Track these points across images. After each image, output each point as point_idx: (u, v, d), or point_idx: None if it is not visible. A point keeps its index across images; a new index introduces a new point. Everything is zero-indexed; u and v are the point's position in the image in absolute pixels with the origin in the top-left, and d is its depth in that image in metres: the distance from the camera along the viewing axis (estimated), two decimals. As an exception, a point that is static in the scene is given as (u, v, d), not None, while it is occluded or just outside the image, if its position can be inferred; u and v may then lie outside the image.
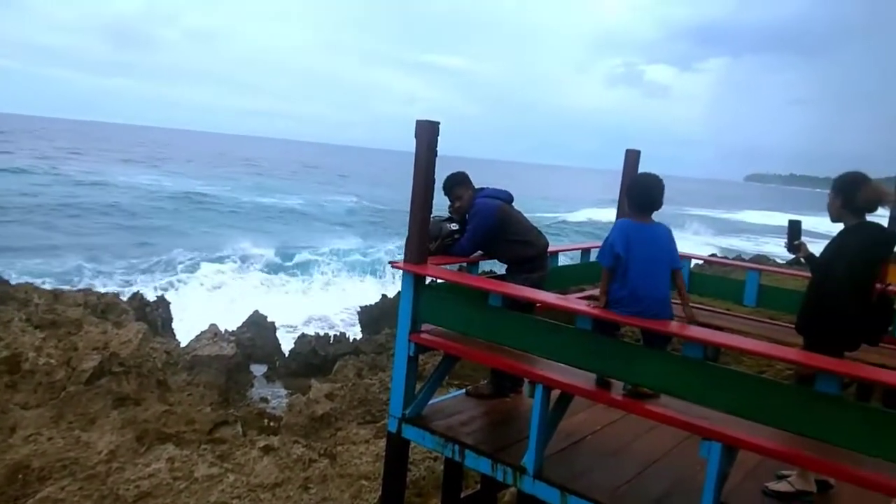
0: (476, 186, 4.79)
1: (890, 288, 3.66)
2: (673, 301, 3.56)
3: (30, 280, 13.16)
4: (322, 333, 13.52)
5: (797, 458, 2.95)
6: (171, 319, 12.98)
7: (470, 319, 3.99)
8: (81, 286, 15.17)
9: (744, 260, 16.91)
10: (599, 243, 6.01)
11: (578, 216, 48.05)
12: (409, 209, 4.10)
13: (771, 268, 7.90)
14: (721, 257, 17.75)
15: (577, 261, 6.02)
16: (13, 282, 11.48)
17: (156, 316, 12.22)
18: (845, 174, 3.58)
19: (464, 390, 4.80)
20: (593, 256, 5.92)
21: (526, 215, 4.78)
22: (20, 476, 6.09)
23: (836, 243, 3.49)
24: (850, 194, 3.44)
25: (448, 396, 4.75)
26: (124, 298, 12.13)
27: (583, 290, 5.65)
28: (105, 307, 10.56)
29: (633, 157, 5.93)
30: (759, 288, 5.72)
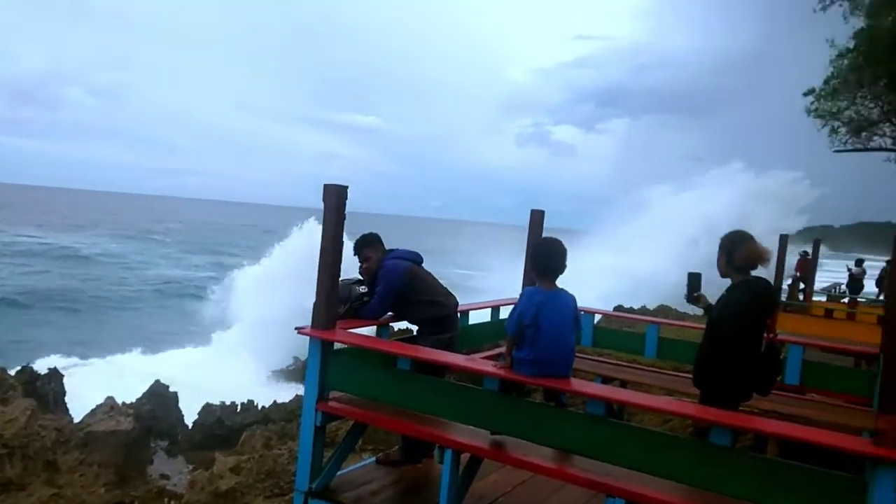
0: (389, 247, 4.80)
1: (777, 337, 3.89)
2: (592, 358, 3.64)
3: None
4: (228, 402, 12.95)
5: (697, 510, 3.02)
6: (63, 393, 12.11)
7: (379, 384, 3.92)
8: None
9: (646, 312, 17.61)
10: (509, 300, 6.15)
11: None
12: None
13: (668, 321, 8.26)
14: (627, 308, 18.43)
15: (489, 318, 6.07)
16: None
17: (47, 390, 11.41)
18: (729, 233, 3.82)
19: (374, 458, 4.68)
20: (504, 314, 6.00)
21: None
22: None
23: (723, 300, 3.69)
24: (731, 253, 3.67)
25: (358, 466, 4.62)
26: (12, 373, 11.25)
27: (499, 346, 5.68)
28: (-13, 383, 9.78)
29: (537, 217, 6.10)
30: (658, 340, 5.94)
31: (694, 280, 4.07)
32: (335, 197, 3.91)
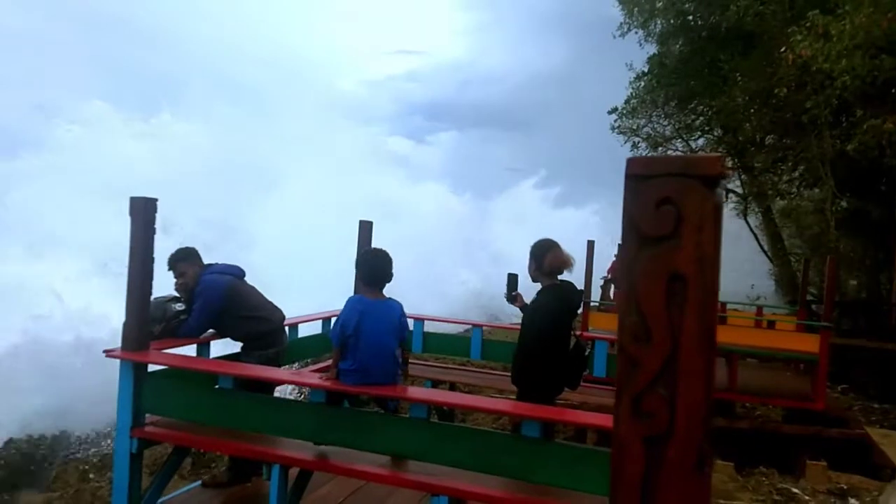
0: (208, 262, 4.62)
1: (584, 334, 4.25)
2: (422, 363, 3.72)
3: None
4: (36, 435, 11.67)
5: (514, 502, 3.23)
6: None
7: (199, 405, 3.77)
8: None
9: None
10: (338, 311, 6.16)
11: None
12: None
13: (490, 323, 8.68)
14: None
15: (319, 330, 6.04)
16: None
17: None
18: (538, 241, 4.12)
19: (200, 482, 4.48)
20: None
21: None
22: None
23: (535, 303, 3.98)
24: (540, 260, 3.97)
25: (181, 491, 4.40)
26: None
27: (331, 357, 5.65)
28: None
29: (366, 227, 6.16)
30: (482, 342, 6.24)
31: (512, 280, 4.32)
32: (143, 210, 3.71)
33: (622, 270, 0.75)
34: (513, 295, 4.26)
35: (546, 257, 3.94)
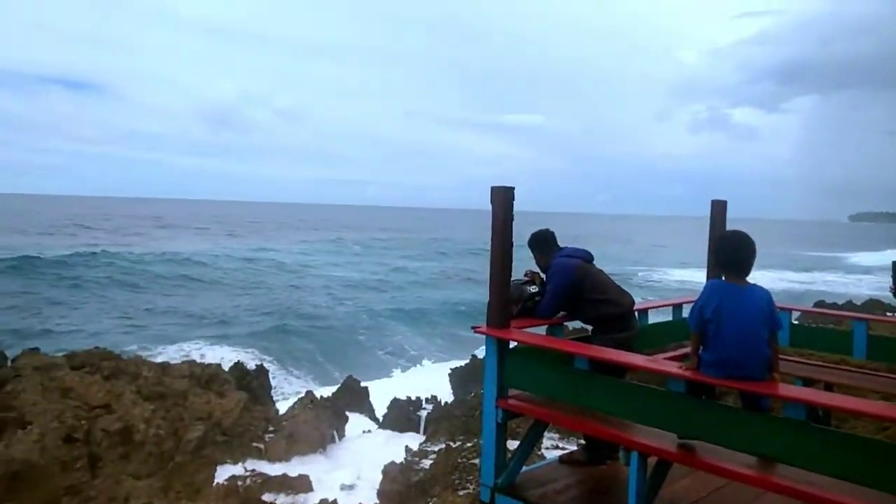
0: (562, 245, 4.80)
1: None
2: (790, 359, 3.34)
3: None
4: (414, 397, 13.60)
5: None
6: (269, 387, 13.44)
7: (557, 383, 3.92)
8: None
9: (854, 308, 15.83)
10: (691, 298, 5.82)
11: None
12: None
13: (879, 317, 7.34)
14: (830, 304, 16.72)
15: (670, 317, 5.80)
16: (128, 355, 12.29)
17: (255, 385, 12.70)
18: None
19: (557, 457, 4.67)
20: (685, 312, 5.68)
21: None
22: (132, 545, 6.37)
23: None
24: None
25: (541, 464, 4.65)
26: (226, 368, 12.67)
27: (683, 346, 5.40)
28: (209, 378, 11.10)
29: (719, 207, 5.73)
30: (868, 338, 5.31)
31: None
32: (503, 198, 3.97)
33: None
34: None
35: None
